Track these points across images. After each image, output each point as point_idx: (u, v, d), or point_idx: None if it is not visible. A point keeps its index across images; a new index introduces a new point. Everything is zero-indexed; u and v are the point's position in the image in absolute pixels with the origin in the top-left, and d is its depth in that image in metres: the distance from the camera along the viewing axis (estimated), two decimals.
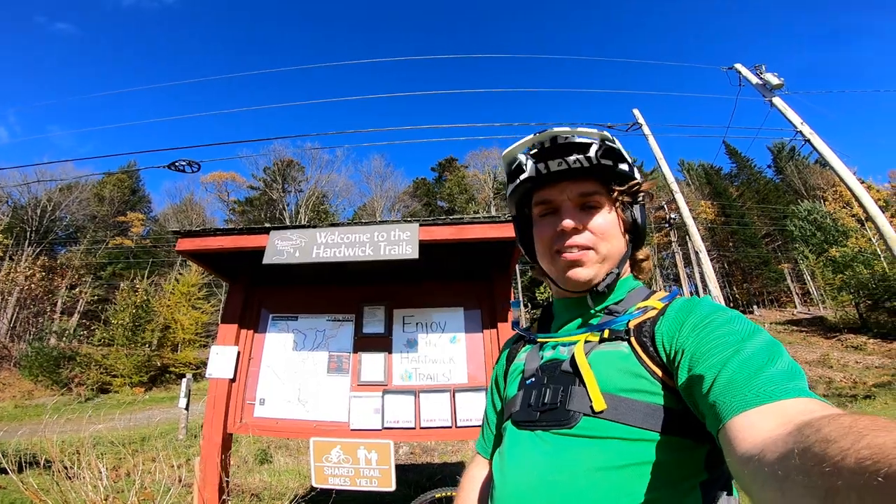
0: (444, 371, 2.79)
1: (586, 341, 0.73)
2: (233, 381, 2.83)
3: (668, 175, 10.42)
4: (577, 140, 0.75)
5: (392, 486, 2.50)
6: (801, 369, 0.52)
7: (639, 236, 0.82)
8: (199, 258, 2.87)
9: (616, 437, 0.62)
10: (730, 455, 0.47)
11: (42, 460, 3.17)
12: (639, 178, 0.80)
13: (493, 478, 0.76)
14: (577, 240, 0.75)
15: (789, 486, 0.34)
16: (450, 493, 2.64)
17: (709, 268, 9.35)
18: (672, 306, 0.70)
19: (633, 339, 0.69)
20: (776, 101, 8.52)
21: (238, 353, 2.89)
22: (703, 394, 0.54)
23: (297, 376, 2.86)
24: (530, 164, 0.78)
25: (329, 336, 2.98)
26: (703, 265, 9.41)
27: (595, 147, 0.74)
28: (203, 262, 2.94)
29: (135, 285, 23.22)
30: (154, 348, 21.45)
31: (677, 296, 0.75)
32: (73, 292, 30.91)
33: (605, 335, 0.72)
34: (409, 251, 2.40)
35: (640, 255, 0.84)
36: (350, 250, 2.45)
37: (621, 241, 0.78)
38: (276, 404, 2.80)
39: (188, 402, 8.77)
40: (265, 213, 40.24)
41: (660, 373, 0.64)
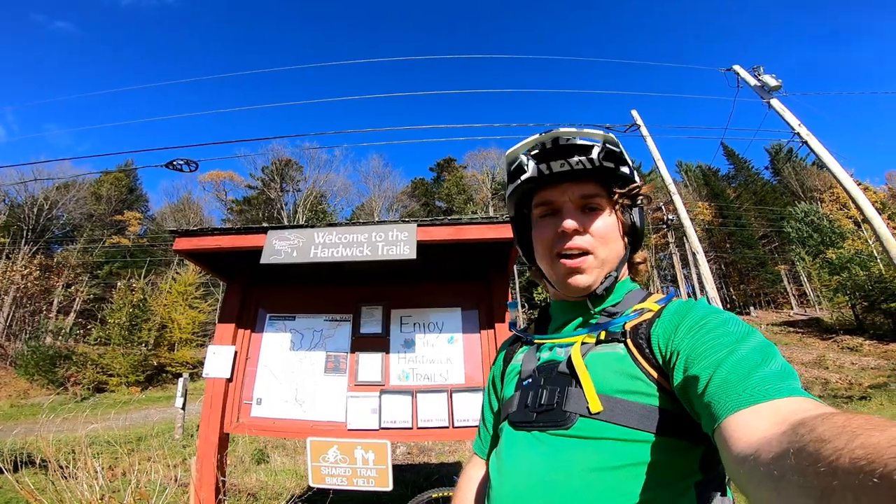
0: (442, 371, 2.79)
1: (583, 343, 0.74)
2: (230, 380, 2.82)
3: (665, 176, 10.44)
4: (580, 142, 0.75)
5: (389, 486, 2.51)
6: (794, 370, 0.53)
7: (637, 239, 0.82)
8: (197, 257, 2.86)
9: (612, 438, 0.62)
10: (725, 455, 0.47)
11: (38, 460, 3.14)
12: (638, 180, 0.80)
13: (489, 478, 0.76)
14: (578, 242, 0.75)
15: (785, 486, 0.34)
16: (447, 494, 2.64)
17: (706, 269, 9.37)
18: (668, 309, 0.71)
19: (630, 341, 0.69)
20: (774, 102, 8.55)
21: (235, 353, 2.89)
22: (699, 394, 0.54)
23: (294, 376, 2.86)
24: (532, 164, 0.78)
25: (326, 336, 2.98)
26: (700, 266, 9.43)
27: (598, 149, 0.74)
28: (200, 261, 2.93)
29: (132, 284, 23.06)
30: (151, 347, 21.32)
31: (673, 298, 0.75)
32: (69, 291, 30.73)
33: (602, 337, 0.73)
34: (407, 251, 2.40)
35: (637, 257, 0.84)
36: (348, 250, 2.45)
37: (620, 245, 0.79)
38: (273, 404, 2.79)
39: (185, 402, 8.73)
40: (263, 213, 40.03)
41: (655, 374, 0.64)
